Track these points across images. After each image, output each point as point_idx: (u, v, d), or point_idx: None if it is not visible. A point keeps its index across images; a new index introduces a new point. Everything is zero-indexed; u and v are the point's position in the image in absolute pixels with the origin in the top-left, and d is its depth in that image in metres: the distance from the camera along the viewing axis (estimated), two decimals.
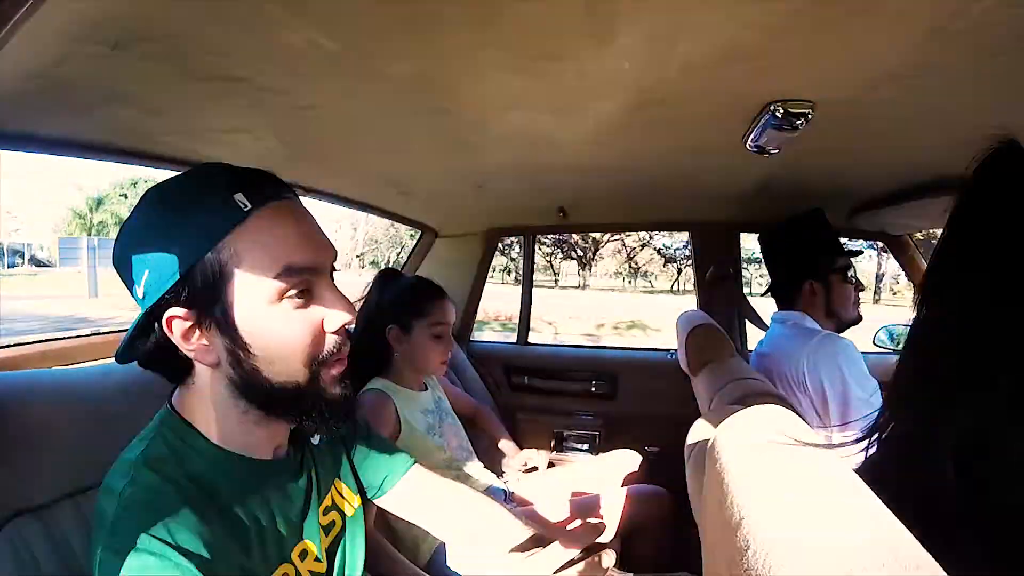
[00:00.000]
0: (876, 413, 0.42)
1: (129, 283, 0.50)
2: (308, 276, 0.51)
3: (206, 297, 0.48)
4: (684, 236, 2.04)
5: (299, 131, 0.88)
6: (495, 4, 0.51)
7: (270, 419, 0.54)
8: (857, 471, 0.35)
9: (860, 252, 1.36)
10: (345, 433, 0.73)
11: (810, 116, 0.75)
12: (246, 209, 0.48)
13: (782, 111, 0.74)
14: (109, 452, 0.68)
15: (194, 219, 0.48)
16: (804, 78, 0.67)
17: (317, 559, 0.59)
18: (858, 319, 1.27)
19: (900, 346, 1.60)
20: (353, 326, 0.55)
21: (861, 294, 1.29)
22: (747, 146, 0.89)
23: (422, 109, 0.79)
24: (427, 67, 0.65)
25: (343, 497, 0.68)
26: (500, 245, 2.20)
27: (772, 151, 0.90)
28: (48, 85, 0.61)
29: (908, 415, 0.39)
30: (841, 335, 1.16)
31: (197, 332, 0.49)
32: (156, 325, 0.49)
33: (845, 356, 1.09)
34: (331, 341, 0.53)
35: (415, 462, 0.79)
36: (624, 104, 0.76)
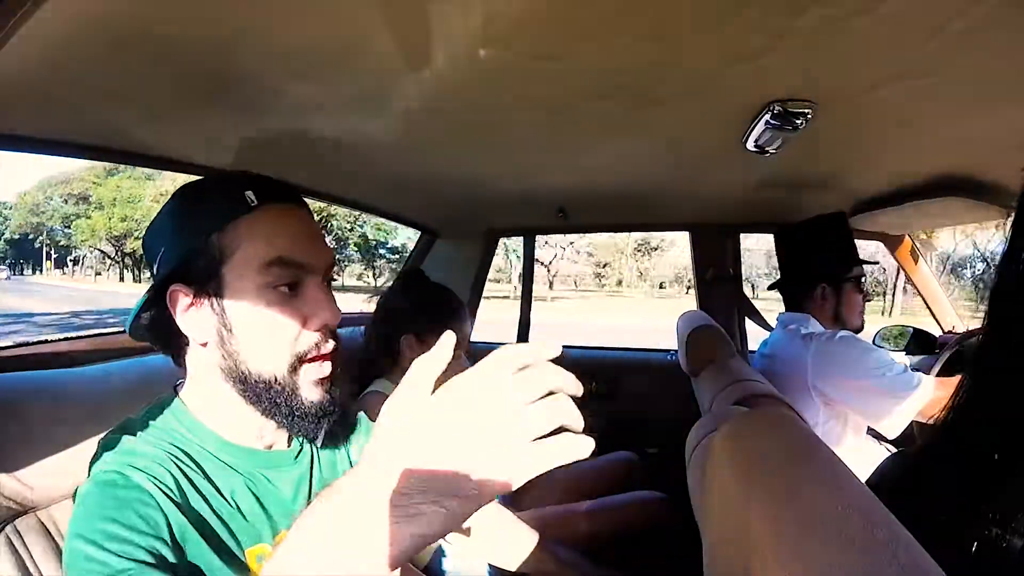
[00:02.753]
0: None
1: (150, 263, 0.56)
2: (298, 272, 0.54)
3: (205, 274, 0.52)
4: None
5: (298, 132, 0.88)
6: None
7: (253, 410, 0.55)
8: (886, 473, 0.34)
9: (876, 263, 1.38)
10: (352, 438, 0.72)
11: (810, 116, 0.75)
12: (253, 204, 0.53)
13: (782, 111, 0.74)
14: None
15: (207, 207, 0.54)
16: (804, 78, 0.67)
17: None
18: (861, 327, 1.28)
19: (897, 345, 1.61)
20: (338, 327, 0.58)
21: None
22: (747, 146, 0.89)
23: (422, 107, 0.79)
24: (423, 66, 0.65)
25: None
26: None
27: (772, 151, 0.90)
28: (48, 85, 0.61)
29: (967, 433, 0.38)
30: (836, 331, 1.17)
31: (194, 308, 0.53)
32: (160, 302, 0.54)
33: (843, 352, 1.10)
34: (311, 339, 0.54)
35: None
36: (623, 103, 0.76)
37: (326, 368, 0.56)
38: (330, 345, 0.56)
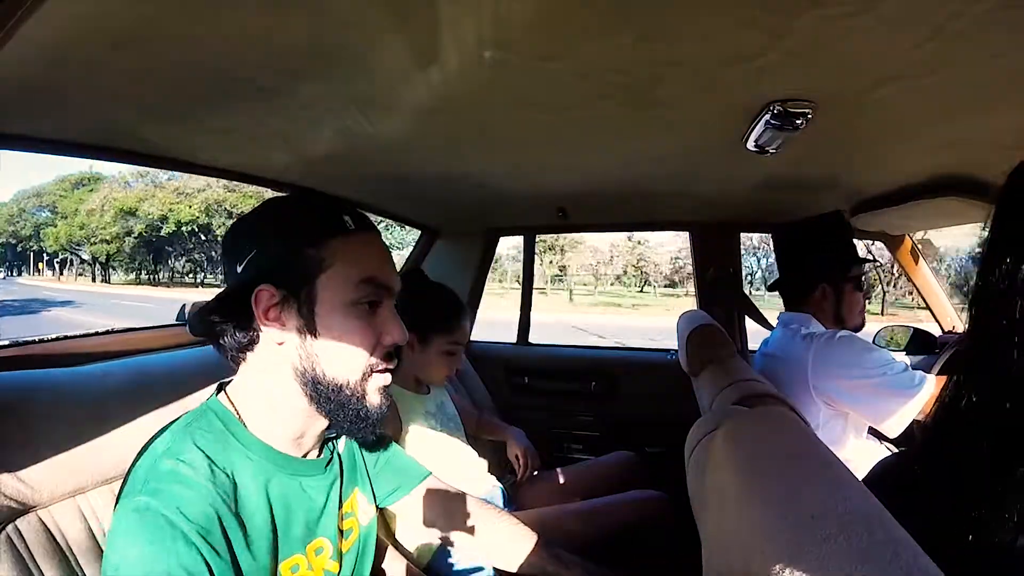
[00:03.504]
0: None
1: (231, 261, 0.59)
2: (380, 293, 0.61)
3: (299, 281, 0.57)
4: None
5: (299, 132, 0.88)
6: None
7: (310, 412, 0.60)
8: (883, 471, 0.34)
9: (876, 261, 1.37)
10: (369, 441, 0.77)
11: (810, 116, 0.75)
12: (351, 227, 0.60)
13: (782, 111, 0.74)
14: (109, 452, 0.68)
15: (307, 222, 0.59)
16: (804, 78, 0.67)
17: (332, 558, 0.64)
18: (861, 326, 1.28)
19: (897, 346, 1.61)
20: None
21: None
22: (747, 146, 0.89)
23: (422, 107, 0.79)
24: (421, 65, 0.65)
25: (360, 506, 0.72)
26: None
27: (772, 151, 0.90)
28: (48, 85, 0.61)
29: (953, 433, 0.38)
30: (836, 331, 1.17)
31: (279, 309, 0.57)
32: (240, 298, 0.57)
33: (843, 352, 1.10)
34: (382, 353, 0.61)
35: (428, 475, 0.82)
36: (624, 103, 0.76)
37: (388, 378, 0.62)
38: (395, 361, 0.63)
